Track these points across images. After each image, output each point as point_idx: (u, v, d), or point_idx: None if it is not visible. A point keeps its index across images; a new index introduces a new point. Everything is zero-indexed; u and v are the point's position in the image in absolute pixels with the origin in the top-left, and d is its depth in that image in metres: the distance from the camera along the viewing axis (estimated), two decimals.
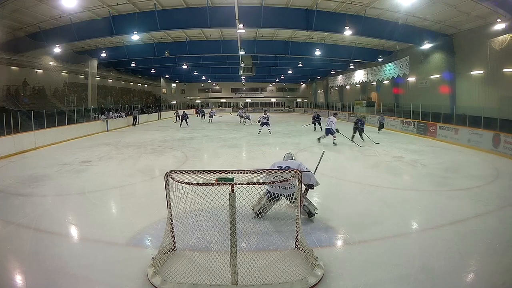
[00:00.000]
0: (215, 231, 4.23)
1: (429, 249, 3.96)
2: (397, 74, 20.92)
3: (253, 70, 27.64)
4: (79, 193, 6.50)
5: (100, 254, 3.92)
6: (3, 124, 11.29)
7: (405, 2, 11.92)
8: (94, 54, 21.53)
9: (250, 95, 47.87)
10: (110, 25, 14.41)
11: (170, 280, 3.21)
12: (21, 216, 5.17)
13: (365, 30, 14.64)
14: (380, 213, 5.17)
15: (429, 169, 8.55)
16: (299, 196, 3.72)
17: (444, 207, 5.47)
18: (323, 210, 5.35)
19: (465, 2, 12.27)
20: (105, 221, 5.09)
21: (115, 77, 30.49)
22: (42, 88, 21.12)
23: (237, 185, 3.25)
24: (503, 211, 5.33)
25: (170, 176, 3.51)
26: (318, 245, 4.03)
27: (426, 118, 15.89)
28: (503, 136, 10.48)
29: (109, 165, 9.35)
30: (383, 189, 6.58)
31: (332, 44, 21.00)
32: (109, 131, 19.23)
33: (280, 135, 16.41)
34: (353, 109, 27.52)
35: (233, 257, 3.12)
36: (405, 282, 3.31)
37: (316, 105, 39.73)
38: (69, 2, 11.74)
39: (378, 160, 9.83)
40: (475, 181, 7.07)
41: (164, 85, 42.63)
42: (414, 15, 14.12)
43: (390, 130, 18.57)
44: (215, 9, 13.76)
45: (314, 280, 3.20)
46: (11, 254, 3.99)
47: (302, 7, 14.26)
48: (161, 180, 3.73)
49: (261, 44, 21.16)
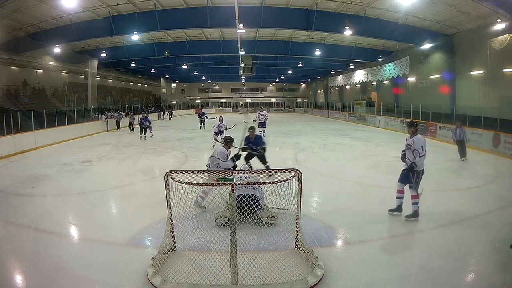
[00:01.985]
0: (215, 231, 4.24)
1: (429, 249, 3.96)
2: (397, 74, 20.92)
3: (253, 70, 27.64)
4: (79, 193, 6.50)
5: (100, 254, 3.92)
6: (3, 124, 11.29)
7: (405, 2, 11.92)
8: (94, 54, 21.53)
9: (250, 95, 47.84)
10: (110, 25, 14.42)
11: (170, 280, 3.21)
12: (21, 216, 5.17)
13: (365, 30, 14.64)
14: (380, 213, 5.16)
15: (429, 169, 8.50)
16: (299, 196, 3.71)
17: (444, 207, 5.47)
18: (323, 210, 5.35)
19: (465, 2, 12.27)
20: (105, 221, 5.09)
21: (115, 77, 30.49)
22: (42, 88, 21.13)
23: (237, 185, 3.24)
24: (503, 211, 5.34)
25: (170, 176, 3.51)
26: (318, 245, 4.03)
27: (426, 118, 15.88)
28: (503, 136, 10.48)
29: (109, 165, 9.35)
30: (383, 189, 6.57)
31: (332, 44, 21.00)
32: (109, 131, 19.22)
33: (280, 135, 16.41)
34: (353, 109, 27.52)
35: (233, 257, 3.12)
36: (405, 282, 3.31)
37: (316, 105, 39.73)
38: (69, 2, 11.74)
39: (378, 160, 9.83)
40: (475, 181, 7.07)
41: (164, 85, 42.64)
42: (414, 15, 14.12)
43: (390, 130, 18.58)
44: (215, 9, 13.76)
45: (314, 280, 3.20)
46: (11, 254, 3.99)
47: (302, 7, 14.26)
48: (161, 180, 3.72)
49: (261, 44, 21.16)
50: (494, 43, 13.82)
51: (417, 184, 4.84)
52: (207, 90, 47.54)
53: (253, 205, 3.91)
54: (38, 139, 12.58)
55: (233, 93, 47.79)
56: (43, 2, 12.57)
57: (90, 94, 23.11)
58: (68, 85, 23.68)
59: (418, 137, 4.89)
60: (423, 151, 4.77)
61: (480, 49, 14.68)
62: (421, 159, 4.78)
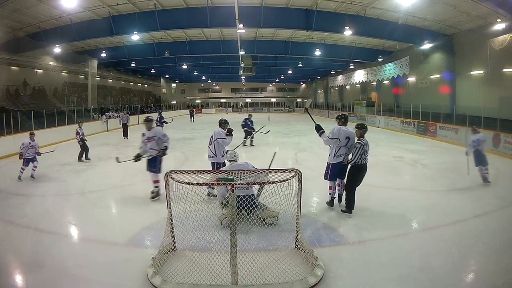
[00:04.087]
0: (215, 231, 4.23)
1: (429, 249, 3.96)
2: (397, 74, 20.92)
3: (253, 70, 27.64)
4: (79, 193, 6.51)
5: (100, 254, 3.92)
6: (3, 124, 11.29)
7: (405, 2, 11.92)
8: (94, 54, 21.54)
9: (250, 95, 47.86)
10: (110, 25, 14.42)
11: (170, 280, 3.21)
12: (21, 216, 5.17)
13: (365, 30, 14.64)
14: (380, 213, 5.17)
15: (429, 169, 8.54)
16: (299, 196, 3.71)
17: (444, 207, 5.47)
18: (323, 210, 5.35)
19: (465, 2, 12.27)
20: (105, 221, 5.08)
21: (115, 77, 30.50)
22: (42, 88, 21.13)
23: (237, 185, 3.24)
24: (503, 211, 5.33)
25: (170, 176, 3.51)
26: (318, 245, 4.03)
27: (426, 118, 15.88)
28: (503, 136, 10.48)
29: (109, 165, 9.34)
30: (383, 189, 6.58)
31: (332, 44, 21.01)
32: (109, 131, 19.22)
33: (280, 135, 16.40)
34: (353, 109, 27.53)
35: (233, 257, 3.12)
36: (405, 282, 3.31)
37: (316, 105, 39.71)
38: (69, 2, 11.75)
39: (378, 160, 9.81)
40: (475, 181, 7.06)
41: (164, 85, 42.66)
42: (414, 15, 14.12)
43: (390, 130, 18.58)
44: (215, 9, 13.77)
45: (314, 280, 3.20)
46: (11, 254, 3.99)
47: (302, 7, 14.27)
48: (161, 180, 3.72)
49: (261, 44, 21.16)
50: (494, 43, 13.83)
51: (326, 176, 5.22)
52: (207, 90, 47.55)
53: (251, 205, 3.91)
54: (38, 139, 12.52)
55: (233, 93, 47.80)
56: (43, 2, 12.57)
57: (90, 94, 23.12)
58: (68, 85, 23.69)
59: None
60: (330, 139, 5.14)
61: (480, 49, 14.68)
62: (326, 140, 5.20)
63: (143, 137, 5.99)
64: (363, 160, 4.92)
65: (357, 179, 4.99)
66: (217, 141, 5.74)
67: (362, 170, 4.96)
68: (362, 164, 4.93)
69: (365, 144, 4.92)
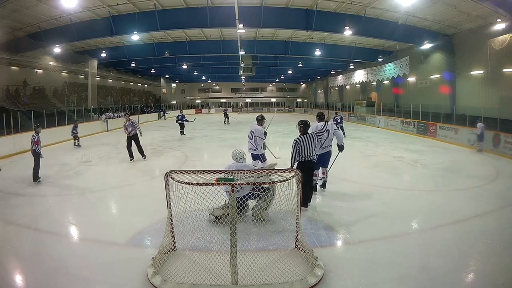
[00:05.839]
0: (215, 231, 4.24)
1: (429, 249, 3.96)
2: (397, 74, 20.91)
3: (253, 70, 27.65)
4: (79, 193, 6.51)
5: (100, 254, 3.92)
6: (3, 124, 11.29)
7: (405, 2, 11.91)
8: (94, 54, 21.53)
9: (250, 95, 47.85)
10: (110, 25, 14.42)
11: (170, 280, 3.21)
12: (21, 216, 5.17)
13: (365, 30, 14.64)
14: (380, 213, 5.17)
15: (429, 169, 8.54)
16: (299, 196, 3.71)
17: (444, 207, 5.47)
18: (323, 210, 5.35)
19: (465, 2, 12.28)
20: (105, 221, 5.09)
21: (115, 77, 30.50)
22: (42, 88, 21.13)
23: (237, 185, 3.25)
24: (503, 211, 5.34)
25: (170, 176, 3.51)
26: (318, 245, 4.03)
27: (426, 118, 15.88)
28: (503, 136, 10.48)
29: (109, 165, 9.35)
30: (383, 189, 6.58)
31: (332, 44, 21.00)
32: (109, 131, 19.22)
33: (280, 135, 16.39)
34: (353, 109, 27.52)
35: (233, 257, 3.12)
36: (405, 282, 3.31)
37: (316, 105, 39.72)
38: (69, 2, 11.74)
39: (378, 160, 9.83)
40: (475, 181, 7.07)
41: (164, 85, 42.65)
42: (414, 15, 14.12)
43: (390, 130, 18.57)
44: (215, 9, 13.76)
45: (314, 280, 3.20)
46: (11, 254, 3.99)
47: (302, 7, 14.26)
48: (161, 180, 3.73)
49: (261, 44, 21.16)
50: (494, 43, 13.83)
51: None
52: (207, 90, 47.53)
53: (243, 207, 3.92)
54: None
55: (233, 93, 47.78)
56: (43, 2, 12.57)
57: (90, 94, 23.11)
58: (68, 85, 23.69)
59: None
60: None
61: (480, 49, 14.68)
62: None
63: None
64: (305, 157, 5.06)
65: (304, 177, 4.96)
66: (256, 137, 6.68)
67: (305, 167, 4.93)
68: (304, 161, 5.07)
69: (303, 140, 5.05)
